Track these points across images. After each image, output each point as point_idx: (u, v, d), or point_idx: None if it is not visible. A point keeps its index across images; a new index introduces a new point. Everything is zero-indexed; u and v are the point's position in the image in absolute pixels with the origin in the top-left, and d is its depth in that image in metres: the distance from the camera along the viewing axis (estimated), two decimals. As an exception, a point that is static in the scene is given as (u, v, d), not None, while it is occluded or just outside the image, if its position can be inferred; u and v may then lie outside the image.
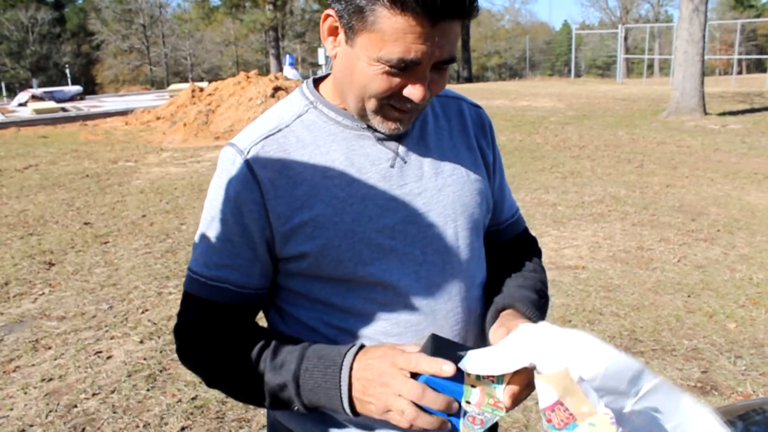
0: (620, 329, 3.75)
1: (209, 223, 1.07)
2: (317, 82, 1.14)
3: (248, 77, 14.04)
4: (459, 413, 0.89)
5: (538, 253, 1.31)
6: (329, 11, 0.99)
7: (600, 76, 39.03)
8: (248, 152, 1.03)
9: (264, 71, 29.26)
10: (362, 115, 1.04)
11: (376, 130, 1.07)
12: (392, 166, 1.07)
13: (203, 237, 1.08)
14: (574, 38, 30.91)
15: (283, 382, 1.00)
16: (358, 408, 0.96)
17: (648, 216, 6.10)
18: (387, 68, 0.94)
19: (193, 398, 3.13)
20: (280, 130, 1.06)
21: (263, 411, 3.01)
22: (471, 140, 1.19)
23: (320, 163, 1.04)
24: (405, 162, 1.08)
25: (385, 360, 0.93)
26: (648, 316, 3.92)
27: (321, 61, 24.94)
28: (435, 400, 0.88)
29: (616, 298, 4.20)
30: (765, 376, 3.22)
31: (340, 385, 0.96)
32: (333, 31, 1.00)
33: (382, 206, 1.05)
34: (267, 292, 1.12)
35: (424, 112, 1.14)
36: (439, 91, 1.01)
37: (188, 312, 1.10)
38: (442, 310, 1.09)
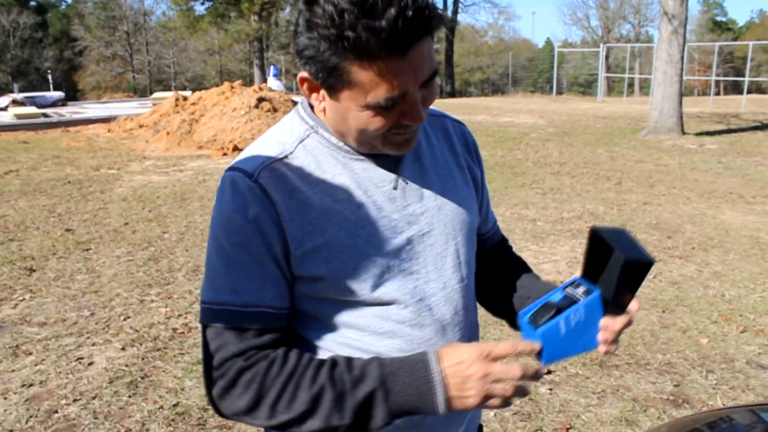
0: (596, 343, 3.83)
1: (228, 250, 1.03)
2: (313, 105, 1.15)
3: (232, 87, 14.07)
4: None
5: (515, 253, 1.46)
6: (303, 74, 1.01)
7: (581, 93, 39.53)
8: (258, 175, 1.03)
9: (248, 81, 29.22)
10: (368, 150, 1.08)
11: (374, 155, 1.09)
12: (395, 188, 1.10)
13: (223, 265, 1.04)
14: (556, 56, 31.35)
15: (370, 391, 0.98)
16: (455, 403, 0.98)
17: (625, 233, 6.21)
18: (378, 109, 0.97)
19: (174, 405, 3.15)
20: (285, 156, 1.07)
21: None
22: (459, 158, 1.24)
23: (328, 187, 1.06)
24: (406, 183, 1.11)
25: (476, 354, 0.98)
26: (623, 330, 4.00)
27: (305, 72, 24.93)
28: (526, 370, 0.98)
29: (592, 312, 4.27)
30: (735, 390, 3.31)
31: (431, 380, 0.97)
32: (314, 89, 1.03)
33: (390, 228, 1.08)
34: None
35: None
36: (431, 102, 1.03)
37: (224, 347, 1.03)
38: (450, 324, 1.14)
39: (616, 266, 0.99)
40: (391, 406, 0.98)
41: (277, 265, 1.04)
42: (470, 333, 1.20)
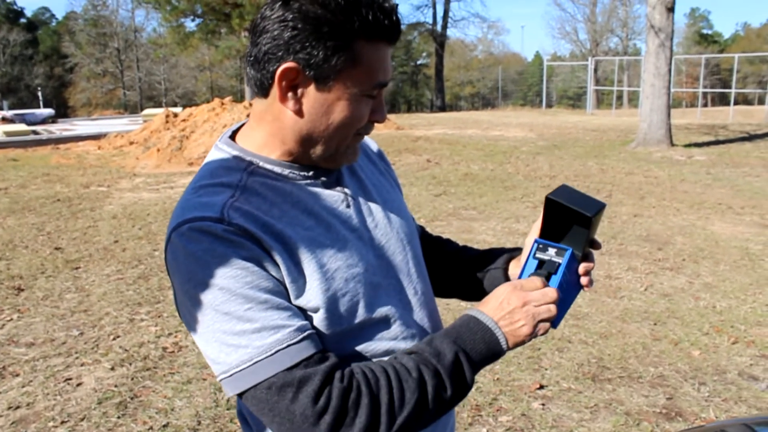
0: (588, 357, 3.83)
1: (243, 295, 0.93)
2: (233, 137, 1.11)
3: (223, 104, 14.09)
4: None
5: None
6: (289, 64, 0.96)
7: (571, 106, 39.81)
8: (228, 216, 0.96)
9: (238, 97, 29.29)
10: (329, 157, 1.06)
11: (318, 177, 1.08)
12: (348, 206, 1.10)
13: (246, 312, 0.93)
14: (545, 69, 31.55)
15: (454, 356, 1.00)
16: (512, 339, 1.04)
17: (616, 245, 6.23)
18: (365, 98, 1.01)
19: (164, 425, 3.11)
20: (238, 196, 1.00)
21: (235, 438, 3.00)
22: (378, 166, 1.27)
23: (293, 217, 1.02)
24: (354, 200, 1.11)
25: (509, 289, 1.06)
26: (615, 343, 4.01)
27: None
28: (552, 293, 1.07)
29: (584, 326, 4.28)
30: (727, 402, 3.31)
31: (488, 327, 1.03)
32: (296, 84, 0.99)
33: (358, 246, 1.07)
34: None
35: None
36: None
37: (305, 384, 0.93)
38: (429, 328, 1.16)
39: (583, 223, 1.14)
40: (472, 362, 1.02)
41: (287, 295, 0.98)
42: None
